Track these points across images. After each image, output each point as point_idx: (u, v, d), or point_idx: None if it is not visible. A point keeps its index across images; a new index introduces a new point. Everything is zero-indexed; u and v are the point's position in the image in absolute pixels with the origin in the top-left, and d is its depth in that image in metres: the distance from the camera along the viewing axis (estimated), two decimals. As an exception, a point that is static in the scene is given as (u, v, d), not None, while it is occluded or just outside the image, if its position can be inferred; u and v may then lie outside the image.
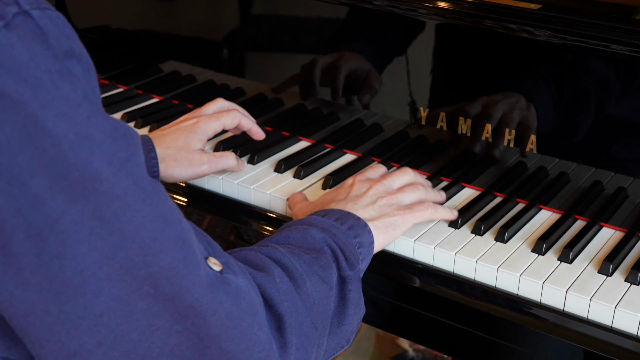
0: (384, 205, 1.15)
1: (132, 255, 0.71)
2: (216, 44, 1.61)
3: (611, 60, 1.18)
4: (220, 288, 0.79)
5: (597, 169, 1.25)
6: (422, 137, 1.38)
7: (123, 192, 0.70)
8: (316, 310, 0.94)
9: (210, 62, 1.63)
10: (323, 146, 1.46)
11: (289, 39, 1.52)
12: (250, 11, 1.57)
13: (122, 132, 0.71)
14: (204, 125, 1.29)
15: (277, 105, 1.55)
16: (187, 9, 1.64)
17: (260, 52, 1.59)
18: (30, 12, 0.68)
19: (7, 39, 0.66)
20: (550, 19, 1.22)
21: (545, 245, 1.16)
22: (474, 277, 1.14)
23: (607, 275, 1.11)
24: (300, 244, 1.01)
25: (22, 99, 0.66)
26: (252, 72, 1.60)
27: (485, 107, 1.29)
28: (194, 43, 1.65)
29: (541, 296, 1.10)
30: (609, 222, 1.24)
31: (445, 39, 1.32)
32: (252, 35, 1.56)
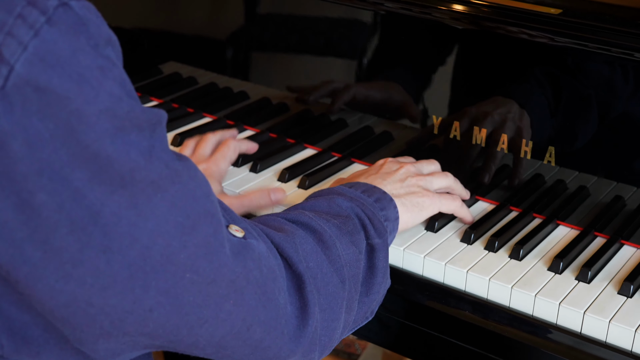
0: (413, 185, 1.17)
1: (169, 239, 0.73)
2: (219, 44, 1.59)
3: (617, 64, 1.16)
4: (246, 255, 0.81)
5: (618, 183, 1.23)
6: (435, 146, 1.36)
7: (157, 177, 0.72)
8: (347, 272, 0.96)
9: (213, 64, 1.61)
10: (330, 154, 1.44)
11: (297, 39, 1.50)
12: (255, 10, 1.55)
13: (155, 120, 0.74)
14: (216, 168, 1.29)
15: (282, 110, 1.53)
16: (189, 7, 1.62)
17: (265, 54, 1.57)
18: (69, 3, 0.69)
19: (49, 34, 0.68)
20: (571, 25, 1.19)
21: (563, 264, 1.14)
22: (487, 296, 1.12)
23: (627, 296, 1.09)
24: (327, 211, 1.03)
25: (67, 95, 0.68)
26: (256, 75, 1.58)
27: (500, 116, 1.27)
28: (196, 43, 1.63)
29: (557, 317, 1.07)
30: (630, 240, 1.21)
31: (461, 44, 1.30)
32: (257, 36, 1.54)
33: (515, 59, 1.26)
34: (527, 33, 1.22)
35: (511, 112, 1.26)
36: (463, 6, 1.27)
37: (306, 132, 1.48)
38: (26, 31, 0.67)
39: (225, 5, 1.59)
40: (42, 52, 0.67)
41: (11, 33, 0.67)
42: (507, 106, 1.26)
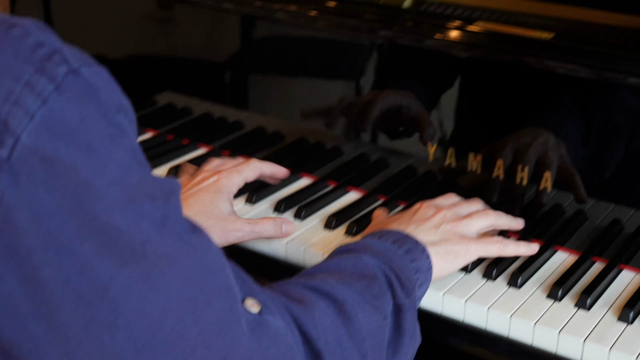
0: (448, 232, 1.15)
1: (181, 314, 0.71)
2: (214, 72, 1.60)
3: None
4: (262, 333, 0.79)
5: (616, 206, 1.24)
6: (431, 173, 1.37)
7: (170, 250, 0.71)
8: (370, 342, 0.94)
9: (208, 92, 1.63)
10: (325, 184, 1.45)
11: (292, 65, 1.51)
12: (251, 36, 1.56)
13: (167, 190, 0.72)
14: (227, 182, 1.24)
15: (277, 139, 1.54)
16: (183, 36, 1.63)
17: (261, 80, 1.58)
18: (80, 70, 0.68)
19: (57, 103, 0.67)
20: (562, 49, 1.20)
21: (562, 291, 1.14)
22: (485, 326, 1.12)
23: (627, 322, 1.09)
24: (352, 271, 1.00)
25: (75, 165, 0.67)
26: (252, 103, 1.59)
27: (498, 144, 1.28)
28: (191, 72, 1.64)
29: (557, 346, 1.08)
30: (630, 264, 1.22)
31: (464, 73, 1.31)
32: (253, 62, 1.55)
33: (516, 86, 1.27)
34: (519, 59, 1.23)
35: (509, 140, 1.27)
36: (457, 32, 1.28)
37: (301, 161, 1.49)
38: (34, 100, 0.66)
39: (220, 33, 1.60)
40: (49, 121, 0.66)
41: (18, 102, 0.66)
42: (505, 133, 1.27)
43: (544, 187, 1.24)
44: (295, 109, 1.53)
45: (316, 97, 1.50)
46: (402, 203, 1.39)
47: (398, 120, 1.38)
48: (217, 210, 1.20)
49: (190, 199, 1.21)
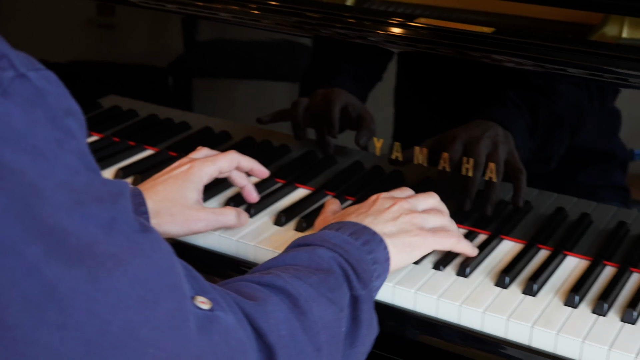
0: (406, 223, 1.16)
1: (131, 314, 0.72)
2: (159, 74, 1.60)
3: (582, 84, 1.20)
4: (212, 329, 0.79)
5: (560, 195, 1.27)
6: (378, 168, 1.39)
7: (118, 250, 0.72)
8: (325, 335, 0.95)
9: (153, 95, 1.63)
10: (273, 181, 1.46)
11: (236, 66, 1.52)
12: (194, 38, 1.57)
13: (116, 192, 0.73)
14: (199, 170, 1.26)
15: (224, 139, 1.55)
16: (127, 40, 1.63)
17: (206, 82, 1.59)
18: (27, 74, 0.69)
19: (3, 107, 0.67)
20: (504, 43, 1.23)
21: (509, 278, 1.17)
22: (437, 314, 1.15)
23: (573, 307, 1.13)
24: (308, 264, 1.01)
25: (21, 169, 0.67)
26: (197, 104, 1.60)
27: (444, 138, 1.30)
28: (135, 74, 1.64)
29: (506, 332, 1.10)
30: (574, 251, 1.25)
31: (407, 68, 1.33)
32: (197, 64, 1.56)
33: (456, 79, 1.30)
34: (463, 53, 1.26)
35: (455, 133, 1.30)
36: (399, 29, 1.31)
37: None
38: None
39: (163, 36, 1.61)
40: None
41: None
42: (450, 126, 1.30)
43: (489, 178, 1.27)
44: (241, 109, 1.54)
45: (262, 97, 1.51)
46: (351, 198, 1.41)
47: (346, 119, 1.40)
48: (183, 198, 1.22)
49: (158, 186, 1.23)
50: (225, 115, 1.56)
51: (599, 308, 1.11)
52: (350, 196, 1.41)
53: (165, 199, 1.22)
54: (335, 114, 1.39)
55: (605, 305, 1.11)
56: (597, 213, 1.25)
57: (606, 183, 1.26)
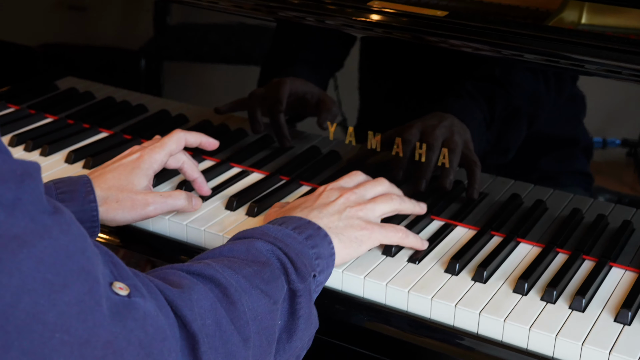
0: (352, 217, 1.15)
1: (37, 297, 0.70)
2: (120, 56, 1.59)
3: (539, 70, 1.19)
4: (127, 315, 0.78)
5: (515, 182, 1.26)
6: (334, 153, 1.38)
7: (22, 232, 0.70)
8: (255, 326, 0.94)
9: (111, 77, 1.61)
10: (228, 165, 1.45)
11: (195, 50, 1.50)
12: (156, 21, 1.54)
13: (21, 172, 0.71)
14: (148, 158, 1.25)
15: (182, 122, 1.54)
16: (91, 20, 1.61)
17: (164, 65, 1.57)
18: None
19: None
20: (458, 27, 1.22)
21: (459, 265, 1.16)
22: (385, 301, 1.14)
23: (522, 294, 1.12)
24: (244, 256, 1.00)
25: None
26: (156, 87, 1.58)
27: (400, 123, 1.29)
28: (97, 56, 1.62)
29: (454, 320, 1.10)
30: (527, 238, 1.25)
31: (363, 52, 1.32)
32: (157, 47, 1.54)
33: (411, 64, 1.29)
34: (417, 37, 1.24)
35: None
36: (356, 12, 1.29)
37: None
38: None
39: (127, 19, 1.59)
40: None
41: None
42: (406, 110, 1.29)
43: (442, 164, 1.26)
44: (199, 92, 1.53)
45: (220, 82, 1.50)
46: (305, 183, 1.40)
47: (302, 105, 1.39)
48: (130, 185, 1.22)
49: (107, 174, 1.22)
50: (183, 99, 1.55)
51: (548, 295, 1.11)
52: (304, 181, 1.40)
53: (113, 187, 1.20)
54: (284, 98, 1.38)
55: (554, 292, 1.11)
56: (552, 200, 1.25)
57: (565, 169, 1.25)
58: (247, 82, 1.45)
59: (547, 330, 1.05)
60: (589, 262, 1.20)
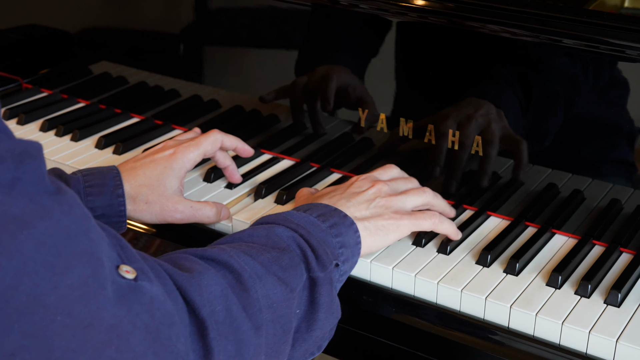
0: (381, 207, 1.13)
1: (38, 279, 0.69)
2: (156, 41, 1.58)
3: (577, 55, 1.16)
4: (133, 299, 0.77)
5: (552, 171, 1.24)
6: (367, 140, 1.36)
7: (20, 212, 0.69)
8: (269, 315, 0.92)
9: (144, 63, 1.61)
10: (259, 152, 1.44)
11: (233, 35, 1.49)
12: (193, 6, 1.53)
13: (21, 151, 0.70)
14: (182, 157, 1.22)
15: (214, 107, 1.53)
16: (129, 4, 1.61)
17: (198, 50, 1.56)
18: None
19: None
20: (496, 12, 1.19)
21: (491, 257, 1.14)
22: (414, 293, 1.12)
23: (555, 287, 1.09)
24: (264, 242, 0.99)
25: None
26: (188, 72, 1.58)
27: (435, 112, 1.27)
28: (133, 40, 1.62)
29: (484, 313, 1.08)
30: (562, 229, 1.22)
31: (401, 38, 1.29)
32: (193, 32, 1.53)
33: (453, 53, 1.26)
34: (456, 22, 1.22)
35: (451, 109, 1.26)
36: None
37: (236, 129, 1.47)
38: None
39: (167, 1, 1.58)
40: None
41: None
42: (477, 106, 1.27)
43: (476, 152, 1.24)
44: (232, 78, 1.52)
45: (255, 67, 1.49)
46: (336, 171, 1.38)
47: (342, 94, 1.37)
48: (162, 187, 1.19)
49: (138, 170, 1.19)
50: (215, 84, 1.54)
51: (583, 289, 1.08)
52: (335, 169, 1.38)
53: (144, 185, 1.18)
54: (332, 90, 1.36)
55: (589, 286, 1.08)
56: (590, 190, 1.22)
57: (606, 158, 1.22)
58: (284, 68, 1.43)
59: (580, 325, 1.02)
60: (626, 255, 1.17)
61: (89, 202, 1.13)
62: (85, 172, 1.16)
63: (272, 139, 1.45)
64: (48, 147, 1.45)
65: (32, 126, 1.54)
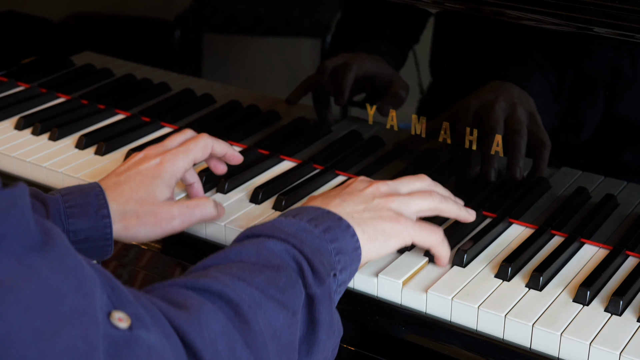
0: (381, 208, 1.09)
1: (25, 348, 0.68)
2: (146, 29, 1.58)
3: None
4: (130, 353, 0.75)
5: (583, 173, 1.22)
6: (377, 138, 1.35)
7: (7, 277, 0.67)
8: (274, 346, 0.90)
9: (132, 53, 1.61)
10: (256, 152, 1.43)
11: (231, 24, 1.49)
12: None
13: (7, 204, 0.68)
14: (171, 166, 1.19)
15: (207, 102, 1.52)
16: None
17: (195, 39, 1.56)
18: None
19: None
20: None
21: (512, 270, 1.13)
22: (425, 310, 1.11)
23: (583, 304, 1.08)
24: (255, 260, 0.96)
25: None
26: (181, 63, 1.57)
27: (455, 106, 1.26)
28: (118, 29, 1.62)
29: (504, 332, 1.07)
30: (592, 239, 1.21)
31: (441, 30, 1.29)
32: (187, 20, 1.53)
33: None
34: (474, 9, 1.21)
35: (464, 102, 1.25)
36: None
37: (232, 126, 1.47)
38: None
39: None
40: None
41: None
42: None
43: (496, 152, 1.23)
44: (230, 70, 1.51)
45: (255, 58, 1.48)
46: (341, 173, 1.37)
47: (368, 86, 1.36)
48: (151, 197, 1.16)
49: (124, 185, 1.16)
50: (213, 77, 1.54)
51: (614, 306, 1.06)
52: (341, 171, 1.37)
53: (131, 200, 1.15)
54: (349, 82, 1.35)
55: (620, 302, 1.06)
56: (624, 195, 1.20)
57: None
58: (293, 58, 1.43)
59: (610, 346, 1.01)
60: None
61: (71, 225, 1.10)
62: (64, 191, 1.13)
63: (270, 137, 1.44)
64: (24, 147, 1.44)
65: (7, 124, 1.54)
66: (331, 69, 1.37)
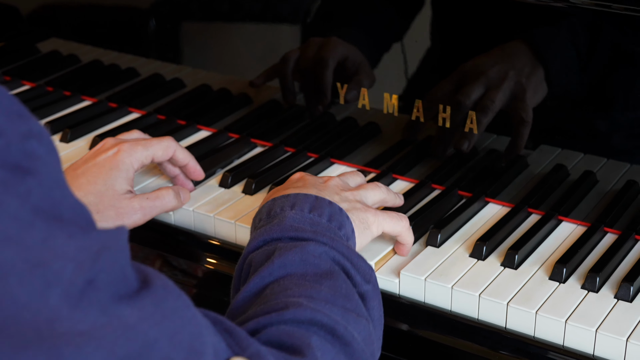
0: (352, 200, 1.11)
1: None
2: (114, 14, 1.60)
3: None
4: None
5: (563, 150, 1.25)
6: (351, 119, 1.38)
7: (91, 327, 0.64)
8: (369, 357, 0.90)
9: (100, 39, 1.62)
10: (227, 136, 1.46)
11: (205, 7, 1.51)
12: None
13: (100, 246, 0.66)
14: (128, 156, 1.19)
15: (177, 87, 1.54)
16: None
17: (165, 24, 1.57)
18: None
19: None
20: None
21: (486, 249, 1.15)
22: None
23: (559, 282, 1.10)
24: (303, 270, 0.93)
25: None
26: (151, 48, 1.59)
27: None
28: (87, 14, 1.64)
29: (478, 312, 1.09)
30: (570, 216, 1.23)
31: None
32: (158, 4, 1.55)
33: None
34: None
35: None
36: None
37: (203, 111, 1.49)
38: None
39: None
40: None
41: None
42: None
43: (470, 129, 1.25)
44: (201, 54, 1.53)
45: (225, 42, 1.50)
46: (314, 155, 1.40)
47: (343, 73, 1.38)
48: (110, 190, 1.17)
49: (81, 179, 1.16)
50: (190, 63, 1.56)
51: (590, 283, 1.09)
52: (313, 153, 1.39)
53: (90, 193, 1.15)
54: (328, 78, 1.37)
55: (597, 279, 1.09)
56: (603, 172, 1.23)
57: (623, 135, 1.23)
58: (270, 44, 1.45)
59: (586, 323, 1.03)
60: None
61: None
62: None
63: (241, 121, 1.46)
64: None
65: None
66: (303, 62, 1.39)
